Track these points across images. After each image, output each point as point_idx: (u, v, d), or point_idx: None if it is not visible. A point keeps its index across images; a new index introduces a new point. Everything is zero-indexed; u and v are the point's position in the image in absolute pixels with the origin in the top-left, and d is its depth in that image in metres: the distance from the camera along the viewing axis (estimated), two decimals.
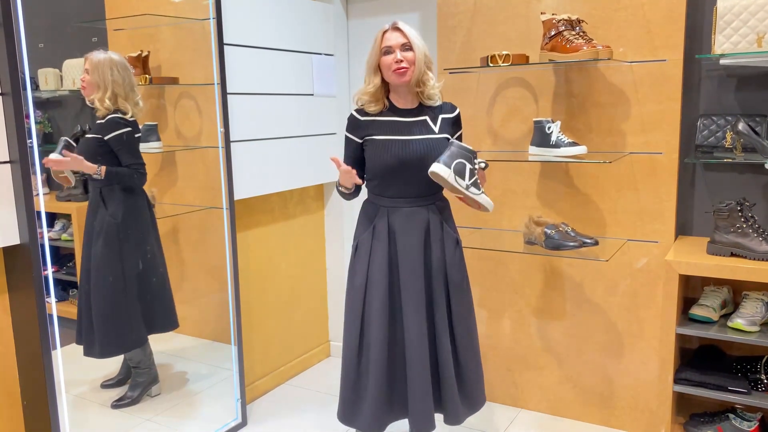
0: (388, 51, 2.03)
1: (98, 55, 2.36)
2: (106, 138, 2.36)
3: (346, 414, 2.18)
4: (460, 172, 1.95)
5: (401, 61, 2.01)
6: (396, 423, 2.18)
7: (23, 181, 1.89)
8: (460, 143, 2.00)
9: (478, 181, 2.00)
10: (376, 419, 2.10)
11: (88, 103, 2.38)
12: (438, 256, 2.11)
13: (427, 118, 2.11)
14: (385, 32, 2.06)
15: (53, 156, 2.29)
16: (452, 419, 2.16)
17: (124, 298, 2.50)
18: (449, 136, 2.12)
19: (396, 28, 2.04)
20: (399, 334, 2.11)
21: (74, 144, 2.36)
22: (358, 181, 2.06)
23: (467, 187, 1.97)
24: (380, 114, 2.11)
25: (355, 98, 2.16)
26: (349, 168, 2.03)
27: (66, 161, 2.32)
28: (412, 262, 2.09)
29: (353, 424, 2.16)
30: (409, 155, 2.05)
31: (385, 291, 2.08)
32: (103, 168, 2.36)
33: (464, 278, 2.19)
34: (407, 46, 2.03)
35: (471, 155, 1.99)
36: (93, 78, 2.35)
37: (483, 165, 2.03)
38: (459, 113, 2.18)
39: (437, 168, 1.96)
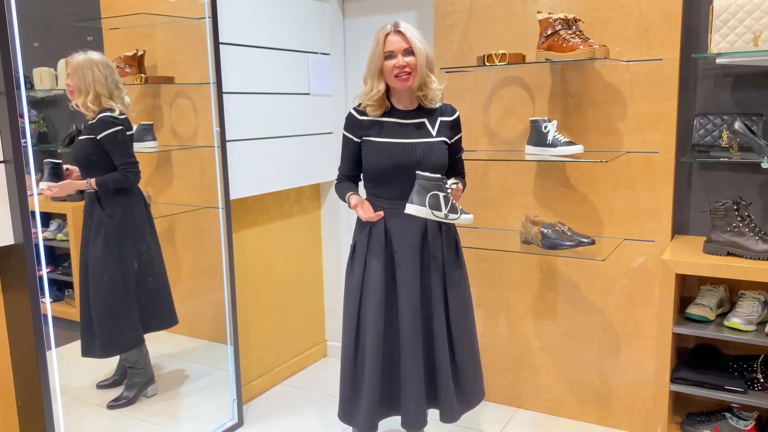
0: (390, 56, 2.00)
1: (77, 57, 2.30)
2: (98, 137, 2.35)
3: (344, 413, 2.18)
4: (435, 206, 1.93)
5: (404, 66, 1.99)
6: (390, 419, 2.17)
7: (17, 180, 1.89)
8: (426, 174, 1.94)
9: (454, 203, 1.98)
10: (370, 419, 2.10)
11: (72, 107, 2.33)
12: (435, 255, 2.11)
13: (425, 120, 2.10)
14: (387, 35, 2.02)
15: (44, 187, 2.28)
16: (448, 417, 2.16)
17: (124, 297, 2.49)
18: (447, 140, 2.12)
19: (398, 31, 2.01)
20: (395, 334, 2.11)
21: (59, 162, 2.33)
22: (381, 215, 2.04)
23: (446, 216, 1.95)
24: (379, 115, 2.10)
25: (356, 101, 2.15)
26: (380, 214, 2.02)
27: (57, 192, 2.31)
28: (408, 262, 2.08)
29: (352, 423, 2.16)
30: (404, 158, 2.04)
31: (381, 291, 2.08)
32: (92, 180, 2.35)
33: (463, 277, 2.19)
34: (409, 51, 2.00)
35: (441, 182, 1.95)
36: (74, 82, 2.31)
37: (454, 185, 2.01)
38: (458, 116, 2.17)
39: (413, 210, 1.94)
